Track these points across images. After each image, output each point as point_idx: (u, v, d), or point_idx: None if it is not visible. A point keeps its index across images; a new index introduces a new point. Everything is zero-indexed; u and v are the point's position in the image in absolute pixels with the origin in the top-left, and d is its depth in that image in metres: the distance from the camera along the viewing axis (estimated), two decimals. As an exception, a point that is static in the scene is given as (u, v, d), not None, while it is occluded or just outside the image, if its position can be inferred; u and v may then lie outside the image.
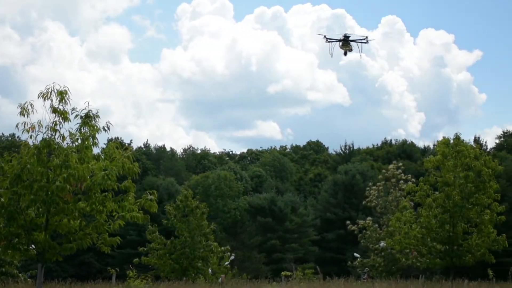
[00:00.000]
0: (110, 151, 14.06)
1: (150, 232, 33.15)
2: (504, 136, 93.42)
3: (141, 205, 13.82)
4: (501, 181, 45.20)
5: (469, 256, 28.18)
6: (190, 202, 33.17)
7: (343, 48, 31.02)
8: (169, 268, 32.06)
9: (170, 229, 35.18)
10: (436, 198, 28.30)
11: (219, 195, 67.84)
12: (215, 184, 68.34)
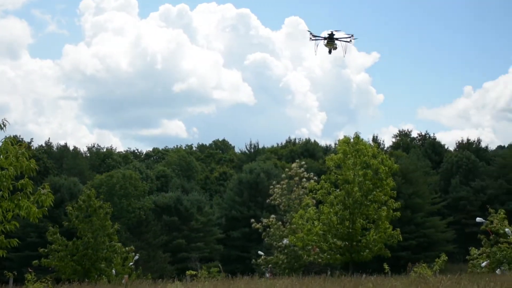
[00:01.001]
0: (5, 147, 13.46)
1: (51, 234, 32.05)
2: (400, 135, 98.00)
3: (35, 201, 13.29)
4: (397, 179, 47.37)
5: (367, 251, 29.39)
6: (93, 202, 32.39)
7: (327, 46, 30.83)
8: (70, 270, 31.17)
9: (72, 230, 34.17)
10: (337, 196, 29.30)
11: (123, 195, 66.60)
12: (119, 183, 67.03)
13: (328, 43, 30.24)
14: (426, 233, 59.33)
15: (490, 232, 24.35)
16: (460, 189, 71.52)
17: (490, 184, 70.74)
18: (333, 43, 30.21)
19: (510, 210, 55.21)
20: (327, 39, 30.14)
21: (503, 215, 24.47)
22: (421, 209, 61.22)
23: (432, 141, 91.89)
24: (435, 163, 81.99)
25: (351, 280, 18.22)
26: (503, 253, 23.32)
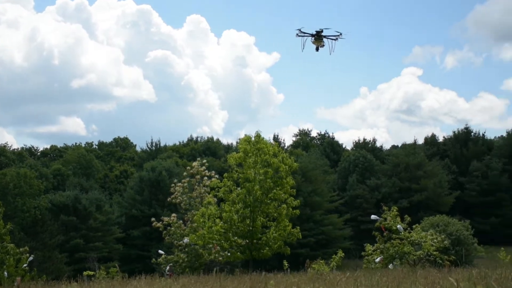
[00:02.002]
0: None
1: None
2: (300, 134, 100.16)
3: None
4: (296, 177, 48.36)
5: (267, 249, 29.72)
6: (-18, 202, 30.72)
7: (315, 43, 30.49)
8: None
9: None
10: (238, 194, 29.43)
11: (18, 194, 63.62)
12: (13, 182, 63.96)
13: (316, 40, 30.06)
14: (324, 231, 61.00)
15: (383, 229, 25.19)
16: (356, 187, 74.07)
17: (385, 182, 73.77)
18: (321, 40, 30.07)
19: (402, 207, 57.93)
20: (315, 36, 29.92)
21: (396, 212, 25.38)
22: (319, 207, 62.88)
23: (331, 141, 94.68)
24: (333, 161, 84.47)
25: (251, 278, 18.29)
26: (395, 249, 24.22)
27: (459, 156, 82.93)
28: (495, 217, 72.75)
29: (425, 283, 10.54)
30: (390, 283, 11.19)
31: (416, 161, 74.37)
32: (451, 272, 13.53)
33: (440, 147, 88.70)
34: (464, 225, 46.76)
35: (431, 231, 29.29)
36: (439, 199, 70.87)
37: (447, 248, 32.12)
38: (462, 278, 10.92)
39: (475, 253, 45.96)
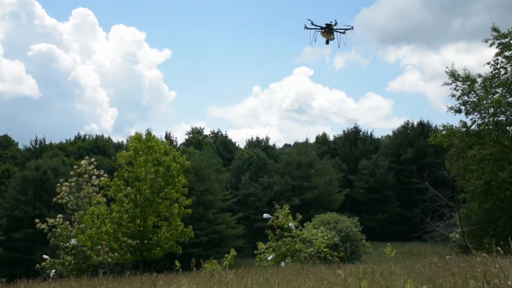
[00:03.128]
0: None
1: None
2: (192, 133, 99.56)
3: None
4: (189, 176, 47.80)
5: (158, 249, 29.08)
6: None
7: (325, 36, 30.13)
8: None
9: None
10: (128, 193, 28.57)
11: None
12: None
13: (326, 33, 29.88)
14: (217, 229, 60.94)
15: (276, 227, 25.38)
16: (249, 185, 74.70)
17: (277, 181, 74.95)
18: (331, 33, 29.93)
19: (294, 205, 59.00)
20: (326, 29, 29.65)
21: (288, 211, 25.69)
22: (212, 205, 62.74)
23: (224, 139, 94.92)
24: (226, 160, 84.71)
25: (141, 279, 17.59)
26: (287, 247, 24.49)
27: (349, 155, 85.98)
28: (382, 214, 76.09)
29: (314, 280, 10.65)
30: (281, 281, 11.17)
31: (307, 160, 76.18)
32: (340, 268, 13.74)
33: (330, 146, 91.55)
34: (353, 222, 48.42)
35: (322, 229, 29.95)
36: (330, 197, 73.06)
37: (337, 245, 33.02)
38: (350, 274, 11.19)
39: (363, 249, 47.71)
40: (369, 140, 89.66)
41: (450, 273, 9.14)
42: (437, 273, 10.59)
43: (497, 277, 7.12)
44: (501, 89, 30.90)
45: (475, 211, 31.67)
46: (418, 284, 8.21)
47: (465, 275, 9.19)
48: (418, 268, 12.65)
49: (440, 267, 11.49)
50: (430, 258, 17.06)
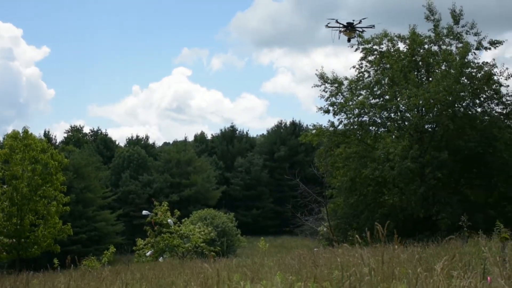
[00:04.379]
0: None
1: None
2: (72, 131, 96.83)
3: None
4: (68, 174, 47.07)
5: (36, 247, 28.79)
6: None
7: (347, 35, 31.13)
8: None
9: None
10: (4, 191, 28.06)
11: None
12: None
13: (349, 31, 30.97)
14: (97, 227, 60.16)
15: (154, 224, 25.94)
16: (130, 183, 74.15)
17: (157, 178, 75.05)
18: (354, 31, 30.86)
19: (173, 202, 59.84)
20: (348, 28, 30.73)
21: (167, 207, 26.33)
22: (92, 203, 61.81)
23: (104, 137, 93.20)
24: (106, 158, 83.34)
25: (15, 279, 17.76)
26: (166, 242, 25.20)
27: (226, 153, 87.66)
28: (256, 209, 78.47)
29: (190, 273, 11.12)
30: (157, 275, 11.67)
31: (186, 158, 76.95)
32: (216, 263, 14.67)
33: (208, 144, 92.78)
34: (229, 217, 50.03)
35: (199, 224, 31.06)
36: (208, 194, 74.27)
37: (214, 240, 34.23)
38: (223, 267, 11.80)
39: (238, 243, 49.43)
40: (245, 139, 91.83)
41: (315, 264, 10.19)
42: (304, 264, 11.32)
43: (355, 266, 7.89)
44: (365, 91, 33.02)
45: (341, 205, 33.41)
46: (287, 275, 8.59)
47: (330, 266, 9.87)
48: (288, 260, 13.46)
49: (307, 259, 12.39)
50: (299, 251, 18.64)
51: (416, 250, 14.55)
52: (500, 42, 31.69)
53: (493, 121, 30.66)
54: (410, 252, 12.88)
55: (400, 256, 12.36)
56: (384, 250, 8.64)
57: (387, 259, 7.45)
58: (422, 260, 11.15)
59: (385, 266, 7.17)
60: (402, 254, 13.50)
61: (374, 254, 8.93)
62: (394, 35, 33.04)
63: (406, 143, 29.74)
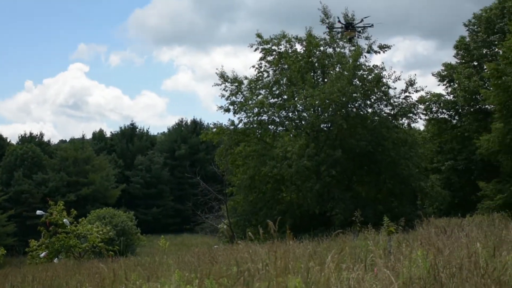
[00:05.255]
0: None
1: None
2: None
3: None
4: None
5: None
6: None
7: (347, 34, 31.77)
8: None
9: None
10: None
11: None
12: None
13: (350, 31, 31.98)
14: (-16, 228, 57.38)
15: (49, 224, 25.14)
16: (22, 182, 71.16)
17: (52, 177, 72.54)
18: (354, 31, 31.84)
19: (70, 201, 58.12)
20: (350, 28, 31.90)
21: (62, 207, 25.60)
22: (-20, 203, 58.88)
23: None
24: (-3, 156, 79.57)
25: None
26: (61, 243, 24.50)
27: (126, 151, 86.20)
28: (157, 208, 77.86)
29: (86, 274, 11.07)
30: (50, 276, 11.46)
31: (84, 156, 74.91)
32: (114, 262, 14.52)
33: (107, 142, 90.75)
34: (128, 216, 49.36)
35: (97, 224, 30.40)
36: (106, 192, 72.76)
37: (113, 239, 33.66)
38: (120, 267, 11.57)
39: (138, 242, 48.89)
40: (145, 136, 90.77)
41: (214, 261, 10.36)
42: (203, 261, 11.41)
43: (249, 262, 7.89)
44: (264, 91, 33.82)
45: (241, 203, 34.01)
46: (186, 273, 8.66)
47: (228, 262, 9.99)
48: (187, 258, 13.49)
49: (207, 256, 12.57)
50: (198, 249, 18.81)
51: (310, 245, 15.17)
52: (389, 47, 33.57)
53: (382, 121, 32.34)
54: (304, 247, 13.41)
55: (295, 251, 12.87)
56: (280, 246, 8.99)
57: (281, 254, 7.77)
58: (316, 255, 11.67)
59: (278, 261, 7.49)
60: (297, 249, 14.06)
61: (271, 249, 9.26)
62: (292, 37, 34.04)
63: (303, 141, 30.68)
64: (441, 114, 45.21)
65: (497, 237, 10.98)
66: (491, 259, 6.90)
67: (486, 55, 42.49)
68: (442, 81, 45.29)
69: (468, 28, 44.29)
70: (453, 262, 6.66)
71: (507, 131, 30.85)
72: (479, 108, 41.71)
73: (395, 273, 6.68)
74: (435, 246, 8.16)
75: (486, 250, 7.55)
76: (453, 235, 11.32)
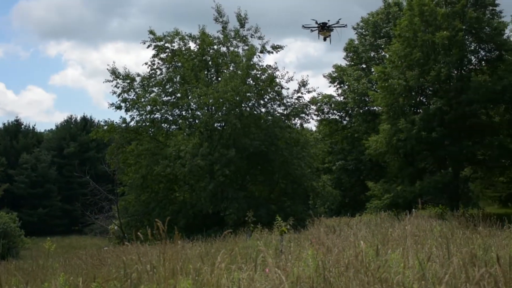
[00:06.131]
0: None
1: None
2: None
3: None
4: None
5: None
6: None
7: (322, 34, 31.41)
8: None
9: None
10: None
11: None
12: None
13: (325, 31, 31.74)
14: None
15: None
16: None
17: None
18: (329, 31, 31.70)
19: None
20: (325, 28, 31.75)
21: None
22: None
23: None
24: None
25: None
26: None
27: (9, 149, 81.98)
28: (43, 208, 74.65)
29: None
30: None
31: (-38, 153, 70.50)
32: None
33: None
34: (11, 217, 46.87)
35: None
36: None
37: (-6, 242, 31.85)
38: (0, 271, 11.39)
39: (22, 244, 46.58)
40: (31, 134, 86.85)
41: (102, 264, 10.00)
42: (91, 264, 11.33)
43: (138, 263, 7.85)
44: (157, 88, 33.40)
45: (132, 203, 33.35)
46: (71, 277, 8.61)
47: (118, 264, 9.87)
48: (75, 261, 13.33)
49: (95, 259, 12.42)
50: (87, 251, 18.16)
51: (203, 245, 15.02)
52: (281, 47, 34.15)
53: (276, 121, 32.84)
54: (196, 247, 13.25)
55: (187, 252, 12.67)
56: (171, 247, 8.77)
57: (170, 256, 7.58)
58: (209, 255, 11.56)
59: (167, 263, 7.30)
60: (189, 250, 13.88)
61: (163, 251, 9.08)
62: (186, 34, 33.78)
63: (196, 140, 30.53)
64: (332, 115, 46.72)
65: (383, 236, 11.37)
66: (376, 257, 7.08)
67: (373, 58, 44.40)
68: (333, 83, 46.81)
69: (357, 31, 46.08)
70: (341, 261, 6.74)
71: (394, 133, 32.32)
72: (368, 109, 43.50)
73: (286, 273, 6.69)
74: (324, 245, 8.26)
75: (372, 249, 7.73)
76: (342, 234, 11.60)
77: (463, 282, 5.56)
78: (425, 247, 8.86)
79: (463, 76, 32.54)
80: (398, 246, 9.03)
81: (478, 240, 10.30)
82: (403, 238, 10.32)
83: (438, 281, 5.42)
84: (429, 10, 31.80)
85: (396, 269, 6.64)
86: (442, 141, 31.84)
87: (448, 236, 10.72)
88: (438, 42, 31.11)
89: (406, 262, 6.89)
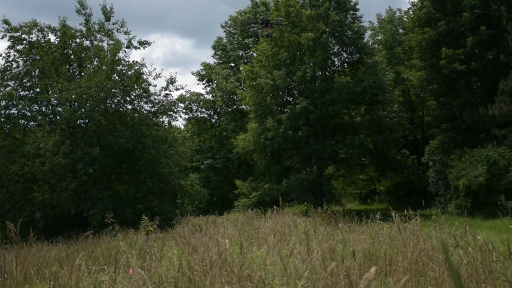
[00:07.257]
0: None
1: None
2: None
3: None
4: None
5: None
6: None
7: (266, 31, 33.06)
8: None
9: None
10: None
11: None
12: None
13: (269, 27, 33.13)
14: None
15: None
16: None
17: None
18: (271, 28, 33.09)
19: None
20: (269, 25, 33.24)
21: None
22: None
23: None
24: None
25: None
26: None
27: None
28: None
29: None
30: None
31: None
32: None
33: None
34: None
35: None
36: None
37: None
38: None
39: None
40: None
41: None
42: None
43: None
44: (13, 82, 31.36)
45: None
46: None
47: None
48: None
49: None
50: None
51: (63, 247, 14.31)
52: (148, 43, 33.58)
53: (143, 118, 32.21)
54: (55, 250, 12.62)
55: (44, 255, 11.95)
56: (25, 250, 8.25)
57: (23, 260, 7.10)
58: (69, 258, 11.03)
59: (19, 267, 6.83)
60: (47, 253, 13.13)
61: (15, 254, 8.50)
62: (45, 26, 32.10)
63: (58, 138, 29.11)
64: (201, 113, 46.74)
65: (249, 234, 11.47)
66: (241, 255, 7.08)
67: (242, 57, 45.02)
68: (202, 81, 46.90)
69: (225, 29, 46.47)
70: (206, 259, 6.65)
71: (261, 131, 32.94)
72: (236, 108, 44.03)
73: (150, 273, 6.55)
74: (190, 244, 8.14)
75: (238, 247, 7.72)
76: (207, 233, 11.54)
77: (322, 276, 5.67)
78: (289, 244, 9.01)
79: (327, 77, 33.93)
80: (264, 243, 9.11)
81: (339, 235, 10.67)
82: (269, 235, 10.45)
83: (298, 276, 5.48)
84: (295, 11, 32.82)
85: (259, 266, 6.66)
86: (307, 140, 32.95)
87: (311, 232, 11.02)
88: (303, 43, 32.18)
89: (270, 259, 6.93)
